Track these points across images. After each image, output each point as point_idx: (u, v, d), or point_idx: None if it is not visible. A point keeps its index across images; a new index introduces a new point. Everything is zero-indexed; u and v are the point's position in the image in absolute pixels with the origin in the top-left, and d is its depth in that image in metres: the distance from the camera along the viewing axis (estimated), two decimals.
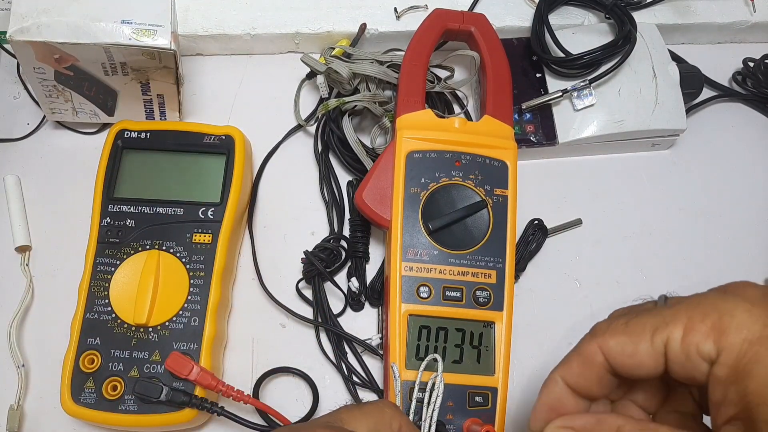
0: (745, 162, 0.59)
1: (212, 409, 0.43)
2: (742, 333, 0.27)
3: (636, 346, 0.29)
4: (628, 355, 0.30)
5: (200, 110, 0.57)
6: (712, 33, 0.62)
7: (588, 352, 0.31)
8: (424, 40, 0.52)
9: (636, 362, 0.30)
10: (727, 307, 0.28)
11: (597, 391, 0.32)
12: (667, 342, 0.29)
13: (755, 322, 0.27)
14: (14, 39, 0.45)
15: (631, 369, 0.30)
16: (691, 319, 0.28)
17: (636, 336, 0.30)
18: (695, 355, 0.28)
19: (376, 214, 0.48)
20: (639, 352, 0.29)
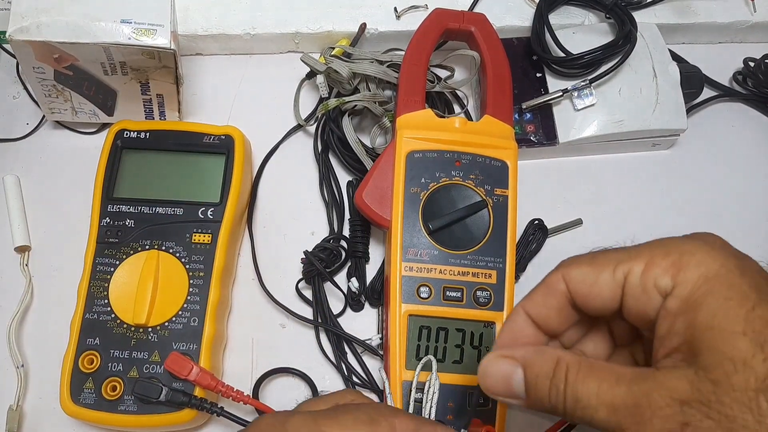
0: (745, 162, 0.59)
1: (212, 410, 0.43)
2: (700, 269, 0.28)
3: (597, 276, 0.31)
4: (588, 284, 0.31)
5: (200, 110, 0.57)
6: (712, 33, 0.62)
7: (551, 281, 0.32)
8: (424, 40, 0.52)
9: (595, 292, 0.31)
10: (689, 247, 0.29)
11: (555, 324, 0.33)
12: (627, 274, 0.30)
13: (713, 262, 0.28)
14: (14, 38, 0.45)
15: (589, 299, 0.31)
16: (654, 256, 0.29)
17: (599, 267, 0.31)
18: (652, 288, 0.29)
19: (376, 214, 0.48)
20: (599, 281, 0.30)
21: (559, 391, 0.29)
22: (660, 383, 0.27)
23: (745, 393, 0.25)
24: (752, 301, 0.27)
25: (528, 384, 0.31)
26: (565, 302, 0.32)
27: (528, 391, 0.31)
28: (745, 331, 0.26)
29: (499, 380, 0.31)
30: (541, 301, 0.33)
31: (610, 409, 0.28)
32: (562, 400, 0.29)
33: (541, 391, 0.30)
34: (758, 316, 0.26)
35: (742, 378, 0.26)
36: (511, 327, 0.34)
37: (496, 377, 0.31)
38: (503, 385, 0.31)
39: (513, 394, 0.31)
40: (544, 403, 0.30)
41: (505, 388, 0.31)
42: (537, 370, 0.30)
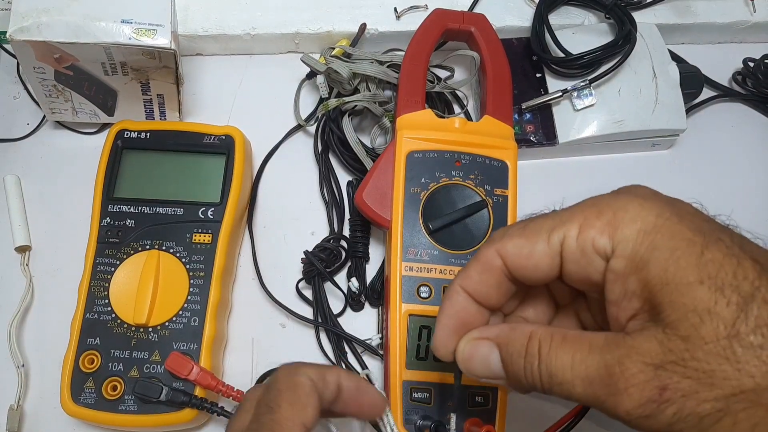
0: (745, 162, 0.59)
1: (212, 409, 0.43)
2: (637, 224, 0.27)
3: (533, 247, 0.30)
4: (525, 256, 0.30)
5: (200, 110, 0.57)
6: (712, 33, 0.62)
7: (486, 257, 0.31)
8: (424, 40, 0.52)
9: (533, 263, 0.30)
10: (620, 203, 0.28)
11: (495, 299, 0.32)
12: (563, 240, 0.29)
13: (648, 214, 0.27)
14: (14, 38, 0.45)
15: (528, 271, 0.30)
16: (587, 218, 0.28)
17: (533, 237, 0.30)
18: (591, 250, 0.28)
19: (376, 214, 0.48)
20: (536, 252, 0.30)
21: (533, 368, 0.29)
22: (631, 348, 0.26)
23: (718, 343, 0.25)
24: (699, 246, 0.26)
25: (504, 363, 0.30)
26: (503, 277, 0.31)
27: (506, 371, 0.30)
28: (701, 279, 0.25)
29: (479, 362, 0.31)
30: (478, 279, 0.32)
31: (586, 382, 0.27)
32: (538, 378, 0.28)
33: (517, 369, 0.29)
34: (709, 260, 0.26)
35: (710, 328, 0.25)
36: (452, 306, 0.32)
37: (475, 360, 0.31)
38: (484, 366, 0.31)
39: (494, 375, 0.31)
40: (522, 382, 0.29)
41: (486, 370, 0.31)
42: (510, 349, 0.30)
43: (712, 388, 0.24)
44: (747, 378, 0.24)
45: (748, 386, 0.24)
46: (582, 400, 0.27)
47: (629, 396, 0.26)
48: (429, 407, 0.44)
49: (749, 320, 0.24)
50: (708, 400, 0.24)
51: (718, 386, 0.24)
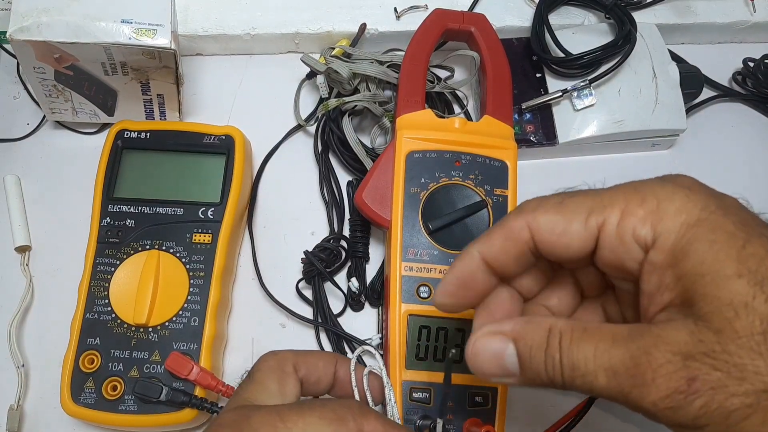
0: (745, 162, 0.59)
1: (212, 409, 0.43)
2: (681, 217, 0.26)
3: (568, 225, 0.28)
4: (558, 233, 0.28)
5: (200, 110, 0.57)
6: (712, 33, 0.62)
7: (514, 227, 0.30)
8: (424, 40, 0.52)
9: (565, 242, 0.28)
10: (666, 193, 0.27)
11: (512, 269, 0.31)
12: (602, 225, 0.28)
13: (694, 207, 0.26)
14: (14, 38, 0.45)
15: (557, 249, 0.29)
16: (629, 203, 0.27)
17: (570, 215, 0.28)
18: (630, 239, 0.27)
19: (376, 214, 0.48)
20: (570, 231, 0.28)
21: (555, 361, 0.27)
22: (658, 337, 0.25)
23: (752, 338, 0.24)
24: (741, 240, 0.25)
25: (522, 358, 0.28)
26: (526, 250, 0.30)
27: (522, 367, 0.28)
28: (739, 272, 0.25)
29: (490, 359, 0.29)
30: (500, 247, 0.30)
31: (610, 373, 0.26)
32: (559, 371, 0.27)
33: (537, 364, 0.28)
34: (750, 254, 0.25)
35: (745, 322, 0.24)
36: (461, 270, 0.31)
37: (486, 356, 0.29)
38: (495, 364, 0.29)
39: (507, 372, 0.29)
40: (541, 376, 0.28)
41: (498, 367, 0.29)
42: (530, 342, 0.28)
43: (742, 382, 0.24)
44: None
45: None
46: (605, 392, 0.26)
47: (656, 387, 0.25)
48: (429, 407, 0.44)
49: None
50: (737, 395, 0.24)
51: (749, 381, 0.24)
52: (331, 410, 0.31)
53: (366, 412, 0.32)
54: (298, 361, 0.37)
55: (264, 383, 0.34)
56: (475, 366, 0.29)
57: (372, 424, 0.31)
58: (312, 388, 0.37)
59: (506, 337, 0.29)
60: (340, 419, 0.30)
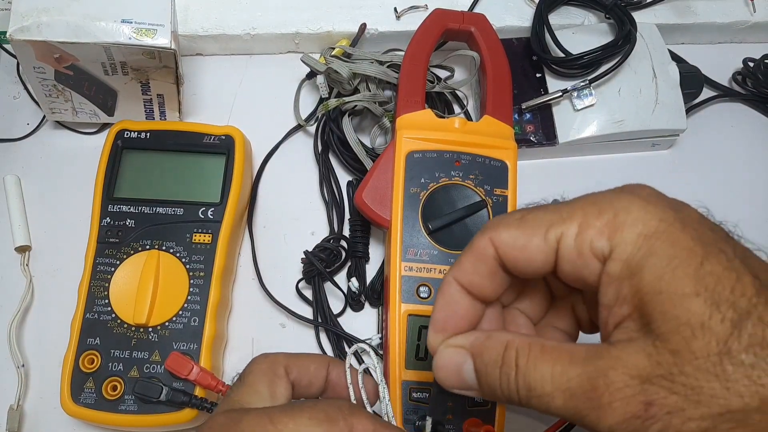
0: (745, 162, 0.59)
1: (212, 409, 0.43)
2: (638, 228, 0.26)
3: (528, 240, 0.28)
4: (519, 248, 0.29)
5: (200, 110, 0.57)
6: (712, 33, 0.62)
7: (479, 246, 0.30)
8: (424, 40, 0.52)
9: (526, 256, 0.29)
10: (623, 204, 0.27)
11: (490, 290, 0.31)
12: (560, 238, 0.28)
13: (651, 218, 0.26)
14: (14, 38, 0.45)
15: (521, 264, 0.29)
16: (587, 216, 0.27)
17: (529, 230, 0.29)
18: (588, 252, 0.27)
19: (376, 214, 0.48)
20: (531, 246, 0.28)
21: (510, 379, 0.27)
22: (616, 360, 0.25)
23: (708, 359, 0.23)
24: (699, 257, 0.25)
25: (478, 373, 0.29)
26: (496, 267, 0.30)
27: (479, 381, 0.29)
28: (697, 291, 0.24)
29: (451, 372, 0.30)
30: (472, 269, 0.30)
31: (567, 394, 0.26)
32: (515, 389, 0.27)
33: (492, 380, 0.28)
34: (708, 272, 0.24)
35: (702, 343, 0.24)
36: (446, 300, 0.31)
37: (447, 369, 0.30)
38: (455, 376, 0.29)
39: (466, 386, 0.29)
40: (497, 393, 0.28)
41: (458, 380, 0.29)
42: (486, 359, 0.28)
43: (698, 405, 0.23)
44: (736, 397, 0.23)
45: (736, 406, 0.23)
46: (562, 413, 0.26)
47: (613, 411, 0.25)
48: (429, 407, 0.44)
49: (742, 338, 0.23)
50: (694, 419, 0.23)
51: (705, 404, 0.23)
52: (322, 410, 0.31)
53: (356, 411, 0.32)
54: (290, 363, 0.36)
55: (254, 386, 0.34)
56: (438, 377, 0.30)
57: (363, 423, 0.31)
58: (303, 391, 0.37)
59: (465, 351, 0.29)
60: (330, 419, 0.30)
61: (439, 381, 0.30)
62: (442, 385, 0.30)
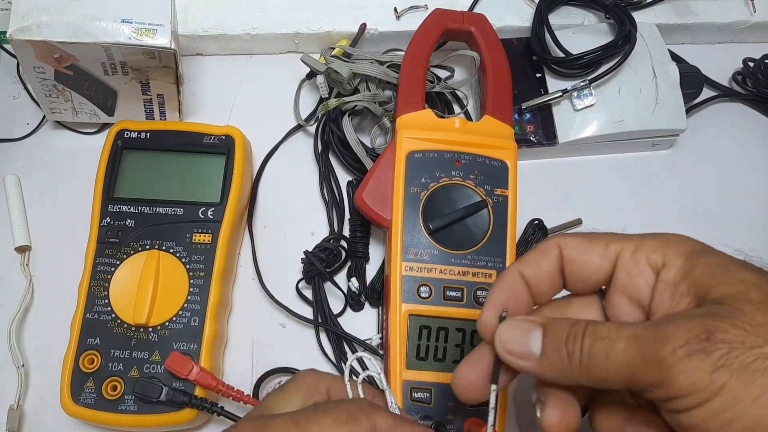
0: (745, 162, 0.59)
1: (212, 409, 0.43)
2: (687, 247, 0.30)
3: (591, 246, 0.32)
4: (581, 251, 0.32)
5: (200, 110, 0.57)
6: (712, 33, 0.62)
7: (545, 245, 0.33)
8: (424, 40, 0.52)
9: (586, 259, 0.32)
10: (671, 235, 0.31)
11: (545, 287, 0.33)
12: (620, 252, 0.31)
13: (695, 244, 0.31)
14: (14, 38, 0.45)
15: (579, 266, 0.32)
16: (643, 239, 0.31)
17: (593, 240, 0.32)
18: (644, 263, 0.31)
19: (376, 214, 0.48)
20: (592, 251, 0.32)
21: (577, 334, 0.29)
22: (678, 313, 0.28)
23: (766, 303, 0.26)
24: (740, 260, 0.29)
25: (546, 339, 0.30)
26: (557, 267, 0.33)
27: (545, 348, 0.30)
28: (745, 267, 0.28)
29: (517, 338, 0.31)
30: (534, 263, 0.33)
31: (631, 338, 0.27)
32: (579, 343, 0.29)
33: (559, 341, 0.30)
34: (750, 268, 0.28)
35: (757, 295, 0.26)
36: (506, 285, 0.33)
37: (514, 336, 0.31)
38: (521, 341, 0.31)
39: (528, 354, 0.31)
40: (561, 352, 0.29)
41: (522, 345, 0.31)
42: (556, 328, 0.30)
43: (758, 339, 0.25)
44: None
45: None
46: (622, 358, 0.27)
47: (676, 337, 0.26)
48: (429, 407, 0.44)
49: None
50: (756, 346, 0.25)
51: (765, 336, 0.25)
52: (345, 411, 0.32)
53: (377, 409, 0.33)
54: (333, 385, 0.37)
55: (292, 393, 0.35)
56: (501, 339, 0.31)
57: (384, 419, 0.32)
58: None
59: (537, 324, 0.31)
60: (353, 419, 0.31)
61: (505, 342, 0.31)
62: (505, 347, 0.31)
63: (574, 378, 0.29)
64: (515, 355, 0.31)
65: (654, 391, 0.27)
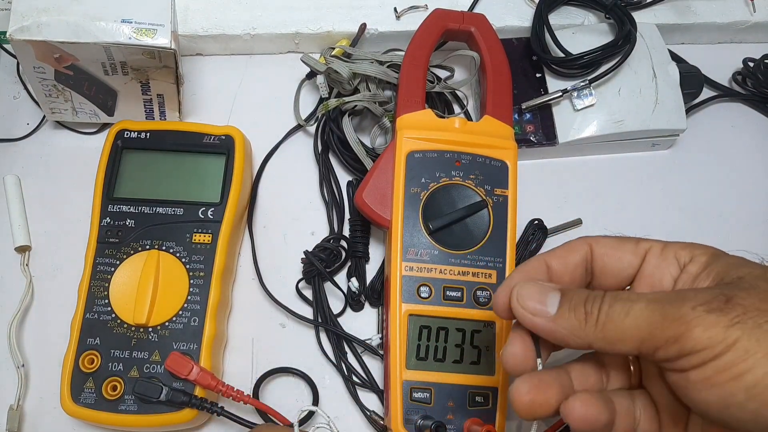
0: (745, 162, 0.59)
1: (212, 409, 0.43)
2: (710, 250, 0.32)
3: (622, 244, 0.34)
4: (612, 247, 0.34)
5: (200, 110, 0.57)
6: (712, 33, 0.62)
7: (575, 242, 0.35)
8: (424, 40, 0.52)
9: (619, 255, 0.34)
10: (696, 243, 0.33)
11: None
12: (649, 249, 0.33)
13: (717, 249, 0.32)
14: (14, 38, 0.45)
15: (613, 261, 0.34)
16: (671, 242, 0.34)
17: (623, 240, 0.35)
18: (672, 258, 0.33)
19: (376, 214, 0.48)
20: (624, 248, 0.34)
21: (597, 296, 0.30)
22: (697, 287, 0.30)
23: None
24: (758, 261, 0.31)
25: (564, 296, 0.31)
26: (582, 263, 0.34)
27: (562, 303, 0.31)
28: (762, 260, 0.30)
29: (534, 292, 0.32)
30: (562, 255, 0.35)
31: (651, 299, 0.29)
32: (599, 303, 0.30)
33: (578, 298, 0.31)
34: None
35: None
36: (529, 268, 0.35)
37: (532, 294, 0.32)
38: (538, 298, 0.32)
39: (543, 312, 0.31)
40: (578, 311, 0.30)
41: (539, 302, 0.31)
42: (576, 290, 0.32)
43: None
44: None
45: None
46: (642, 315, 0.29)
47: (695, 298, 0.28)
48: (429, 407, 0.44)
49: None
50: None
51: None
52: None
53: None
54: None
55: None
56: (520, 298, 0.32)
57: None
58: None
59: (555, 288, 0.32)
60: None
61: (523, 296, 0.32)
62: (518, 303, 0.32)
63: (588, 337, 0.30)
64: (529, 310, 0.32)
65: (668, 348, 0.28)
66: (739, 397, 0.26)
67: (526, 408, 0.31)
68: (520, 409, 0.31)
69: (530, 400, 0.31)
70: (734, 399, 0.27)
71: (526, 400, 0.31)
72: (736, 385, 0.26)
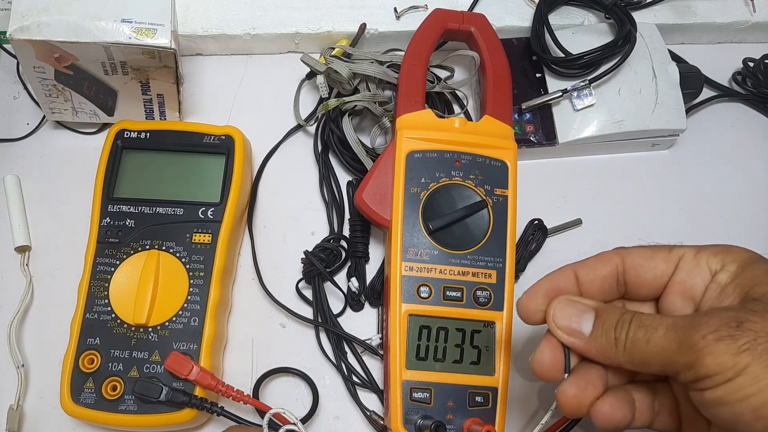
0: (745, 162, 0.59)
1: (212, 409, 0.43)
2: (744, 255, 0.33)
3: (655, 253, 0.35)
4: (645, 257, 0.35)
5: (200, 110, 0.57)
6: (712, 33, 0.62)
7: (606, 253, 0.36)
8: (424, 40, 0.52)
9: (653, 265, 0.35)
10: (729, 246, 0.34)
11: (594, 291, 0.36)
12: (682, 256, 0.35)
13: (752, 254, 0.34)
14: (14, 38, 0.45)
15: (647, 271, 0.35)
16: (704, 247, 0.35)
17: (656, 249, 0.35)
18: (704, 265, 0.34)
19: (376, 214, 0.48)
20: (657, 257, 0.35)
21: (625, 321, 0.32)
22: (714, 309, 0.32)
23: None
24: None
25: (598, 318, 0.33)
26: (613, 274, 0.35)
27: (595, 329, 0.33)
28: None
29: (571, 313, 0.34)
30: (593, 265, 0.36)
31: (670, 325, 0.30)
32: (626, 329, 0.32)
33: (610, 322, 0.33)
34: None
35: None
36: (556, 278, 0.36)
37: (567, 315, 0.34)
38: (574, 319, 0.33)
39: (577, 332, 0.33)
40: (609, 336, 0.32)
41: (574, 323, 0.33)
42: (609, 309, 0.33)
43: None
44: None
45: None
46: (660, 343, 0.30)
47: (708, 325, 0.29)
48: (429, 407, 0.44)
49: None
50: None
51: None
52: None
53: None
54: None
55: None
56: (555, 311, 0.34)
57: None
58: None
59: (590, 307, 0.34)
60: None
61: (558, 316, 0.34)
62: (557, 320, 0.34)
63: (618, 360, 0.32)
64: (565, 331, 0.34)
65: (686, 373, 0.30)
66: (746, 417, 0.28)
67: (574, 408, 0.33)
68: (567, 410, 0.33)
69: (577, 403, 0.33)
70: (743, 418, 0.29)
71: (574, 403, 0.33)
72: (744, 406, 0.28)
